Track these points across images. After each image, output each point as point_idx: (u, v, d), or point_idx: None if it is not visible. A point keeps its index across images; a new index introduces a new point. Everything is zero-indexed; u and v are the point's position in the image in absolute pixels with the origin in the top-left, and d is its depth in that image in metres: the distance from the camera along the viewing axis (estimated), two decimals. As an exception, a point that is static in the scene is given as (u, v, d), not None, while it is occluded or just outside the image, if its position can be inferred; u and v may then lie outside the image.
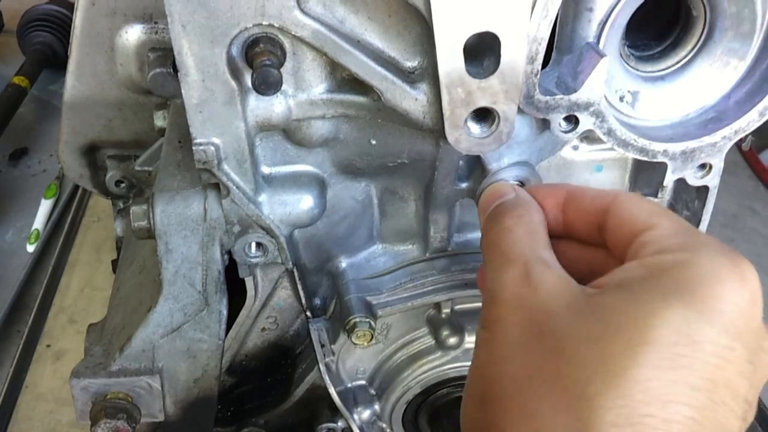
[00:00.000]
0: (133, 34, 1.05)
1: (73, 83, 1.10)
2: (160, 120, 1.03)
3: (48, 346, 1.95)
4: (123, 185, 1.22)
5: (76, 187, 2.44)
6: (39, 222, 2.36)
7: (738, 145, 1.06)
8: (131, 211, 0.84)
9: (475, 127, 0.77)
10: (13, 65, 2.94)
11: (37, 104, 2.96)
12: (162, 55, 0.98)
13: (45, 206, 2.41)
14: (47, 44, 3.02)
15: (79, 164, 1.23)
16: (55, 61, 3.05)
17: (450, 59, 0.71)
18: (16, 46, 3.10)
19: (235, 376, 1.09)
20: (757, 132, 0.91)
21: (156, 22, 1.04)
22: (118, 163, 1.20)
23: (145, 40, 1.05)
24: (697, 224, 1.02)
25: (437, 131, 0.78)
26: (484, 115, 0.76)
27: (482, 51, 0.73)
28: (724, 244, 0.61)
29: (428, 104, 0.76)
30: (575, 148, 0.98)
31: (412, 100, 0.76)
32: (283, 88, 0.79)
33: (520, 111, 0.80)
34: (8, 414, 1.75)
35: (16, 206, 2.47)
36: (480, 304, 1.00)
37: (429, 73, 0.75)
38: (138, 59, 1.07)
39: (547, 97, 0.81)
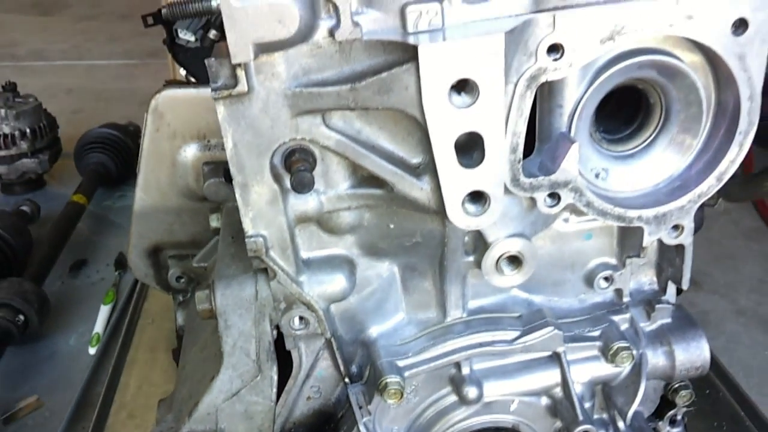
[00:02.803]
0: (190, 152, 1.27)
1: (140, 195, 1.31)
2: (214, 221, 1.23)
3: (111, 439, 2.08)
4: (183, 280, 1.41)
5: (132, 293, 2.65)
6: (99, 326, 2.56)
7: (710, 205, 1.21)
8: (196, 296, 1.02)
9: (471, 207, 0.94)
10: (71, 185, 3.25)
11: (93, 219, 3.22)
12: (215, 167, 1.19)
13: (104, 312, 2.62)
14: (102, 164, 3.33)
15: (145, 264, 1.43)
16: (109, 179, 3.35)
17: (445, 155, 0.89)
18: (74, 167, 3.42)
19: (285, 443, 1.22)
20: None
21: (209, 141, 1.25)
22: (178, 261, 1.40)
23: (200, 156, 1.26)
24: (680, 278, 1.15)
25: (441, 213, 0.95)
26: (477, 197, 0.94)
27: (471, 146, 0.92)
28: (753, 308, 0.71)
29: (431, 192, 0.94)
30: (566, 220, 1.14)
31: (419, 190, 0.94)
32: (315, 187, 0.99)
33: (509, 192, 0.98)
34: (78, 507, 1.87)
35: (77, 313, 2.66)
36: (496, 362, 1.15)
37: (431, 168, 0.93)
38: (194, 172, 1.28)
39: (531, 179, 0.98)
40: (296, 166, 0.91)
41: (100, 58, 5.62)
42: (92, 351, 2.44)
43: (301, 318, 1.05)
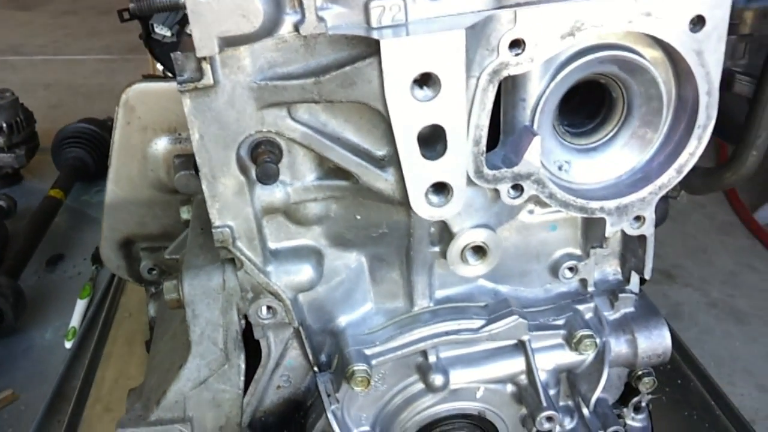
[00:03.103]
0: (161, 145, 1.28)
1: (112, 188, 1.32)
2: (185, 213, 1.24)
3: (86, 433, 2.08)
4: (155, 272, 1.42)
5: (109, 287, 2.65)
6: (75, 320, 2.56)
7: (673, 197, 1.24)
8: (164, 286, 1.03)
9: (434, 198, 0.96)
10: (49, 180, 3.23)
11: (70, 214, 3.21)
12: (185, 160, 1.20)
13: (80, 306, 2.62)
14: (79, 159, 3.32)
15: (116, 256, 1.43)
16: (87, 174, 3.34)
17: (408, 148, 0.91)
18: (51, 162, 3.40)
19: (255, 430, 1.24)
20: (750, 191, 1.09)
21: (179, 134, 1.26)
22: (150, 253, 1.41)
23: (171, 148, 1.28)
24: (643, 268, 1.18)
25: (406, 204, 0.97)
26: (440, 188, 0.96)
27: (434, 139, 0.93)
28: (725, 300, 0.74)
29: (396, 183, 0.96)
30: (531, 212, 1.16)
31: (383, 181, 0.96)
32: (282, 178, 1.01)
33: (472, 183, 1.00)
34: (52, 497, 1.88)
35: (53, 308, 2.66)
36: (461, 350, 1.17)
37: (395, 159, 0.95)
38: (165, 165, 1.29)
39: (494, 171, 1.00)
40: (262, 158, 0.92)
41: (79, 53, 5.59)
42: (68, 345, 2.44)
43: (268, 307, 1.07)
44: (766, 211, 3.20)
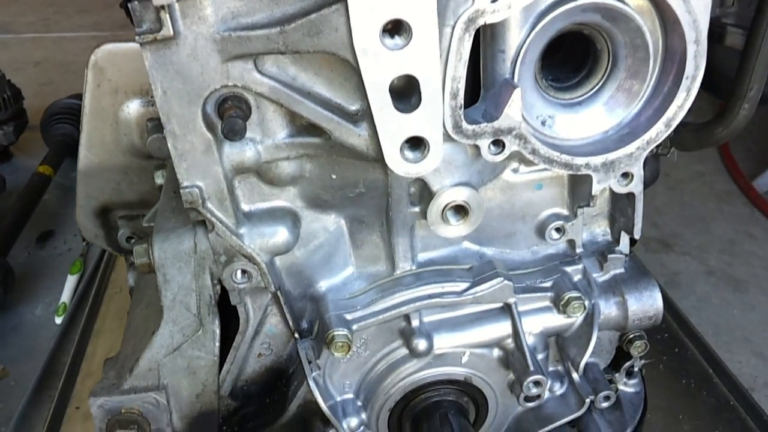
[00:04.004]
0: (133, 108, 1.23)
1: (85, 154, 1.28)
2: (159, 178, 1.20)
3: (77, 408, 2.07)
4: (133, 240, 1.38)
5: (99, 263, 2.62)
6: (66, 296, 2.54)
7: (663, 154, 1.20)
8: (134, 250, 1.00)
9: (409, 154, 0.92)
10: (38, 157, 3.19)
11: (60, 190, 3.17)
12: (158, 123, 1.15)
13: (71, 281, 2.60)
14: (68, 134, 3.27)
15: (94, 225, 1.40)
16: (76, 150, 3.27)
17: (379, 100, 0.87)
18: (40, 140, 3.36)
19: (237, 399, 1.21)
20: (749, 159, 1.05)
21: (152, 96, 1.22)
22: (128, 221, 1.37)
23: (144, 112, 1.23)
24: (632, 227, 1.14)
25: (382, 161, 0.93)
26: (416, 143, 0.92)
27: (408, 91, 0.89)
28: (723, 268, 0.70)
29: (369, 138, 0.92)
30: (515, 170, 1.12)
31: (356, 137, 0.92)
32: (252, 136, 0.96)
33: (451, 139, 0.95)
34: (42, 471, 1.87)
35: (44, 284, 2.64)
36: (445, 314, 1.14)
37: (369, 114, 0.91)
38: (138, 129, 1.25)
39: (474, 126, 0.96)
40: (228, 113, 0.88)
41: (69, 30, 5.50)
42: (58, 320, 2.42)
43: (243, 271, 1.03)
44: (765, 179, 3.16)
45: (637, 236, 1.16)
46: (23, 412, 2.06)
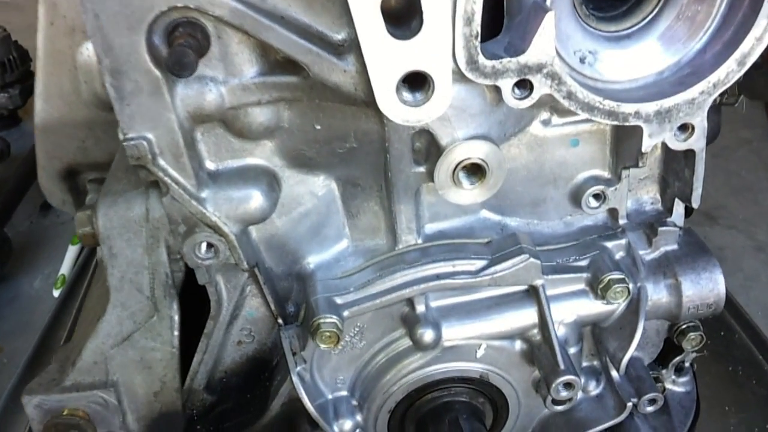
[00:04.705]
0: (93, 51, 1.04)
1: (42, 106, 1.10)
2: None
3: (70, 387, 1.94)
4: (102, 207, 1.20)
5: (102, 232, 2.48)
6: (65, 267, 2.41)
7: (730, 103, 0.98)
8: (76, 217, 0.82)
9: (408, 95, 0.72)
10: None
11: (65, 157, 3.05)
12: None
13: (71, 252, 2.47)
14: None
15: (60, 190, 1.23)
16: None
17: (368, 21, 0.66)
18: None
19: (215, 393, 1.04)
20: None
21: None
22: (98, 185, 1.18)
23: (104, 54, 1.04)
24: (690, 194, 0.93)
25: (374, 105, 0.73)
26: (417, 81, 0.72)
27: (407, 13, 0.69)
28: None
29: (357, 75, 0.72)
30: (545, 123, 0.92)
31: (341, 73, 0.72)
32: (213, 74, 0.77)
33: (464, 78, 0.75)
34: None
35: (44, 254, 2.54)
36: (457, 299, 0.94)
37: (357, 43, 0.70)
38: (101, 75, 1.05)
39: (493, 62, 0.75)
40: (177, 42, 0.68)
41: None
42: (56, 293, 2.29)
43: (208, 245, 0.84)
44: (820, 145, 2.91)
45: (695, 204, 0.96)
46: (14, 391, 1.94)
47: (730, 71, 0.82)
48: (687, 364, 1.11)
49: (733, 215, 2.68)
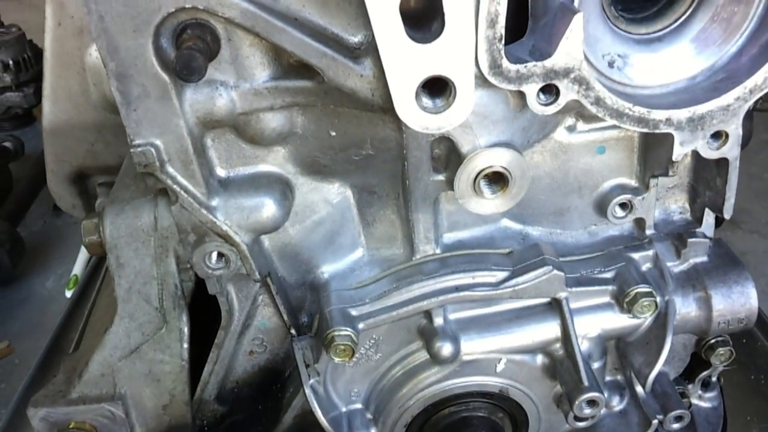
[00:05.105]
0: (102, 52, 1.02)
1: (50, 108, 1.09)
2: (132, 137, 0.99)
3: (81, 389, 1.92)
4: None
5: (114, 233, 2.47)
6: (78, 268, 2.40)
7: (765, 109, 0.94)
8: (82, 226, 0.79)
9: (428, 102, 0.69)
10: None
11: (81, 156, 3.05)
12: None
13: (84, 253, 2.45)
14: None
15: (70, 194, 1.21)
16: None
17: (386, 23, 0.63)
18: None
19: (226, 404, 1.01)
20: None
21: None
22: (108, 189, 1.17)
23: (114, 56, 1.01)
24: (722, 204, 0.89)
25: (392, 111, 0.70)
26: (438, 86, 0.68)
27: (427, 15, 0.65)
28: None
29: (375, 79, 0.69)
30: (571, 129, 0.88)
31: (357, 77, 0.69)
32: (223, 78, 0.74)
33: (487, 83, 0.71)
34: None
35: (57, 255, 2.53)
36: (477, 311, 0.91)
37: (374, 46, 0.67)
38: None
39: (518, 66, 0.72)
40: (185, 46, 0.65)
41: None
42: (69, 294, 2.28)
43: (219, 254, 0.81)
44: None
45: (727, 215, 0.92)
46: (25, 392, 1.93)
47: (767, 76, 0.78)
48: (714, 379, 1.06)
49: (756, 219, 2.62)
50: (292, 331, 0.94)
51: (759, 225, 2.60)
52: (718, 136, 0.83)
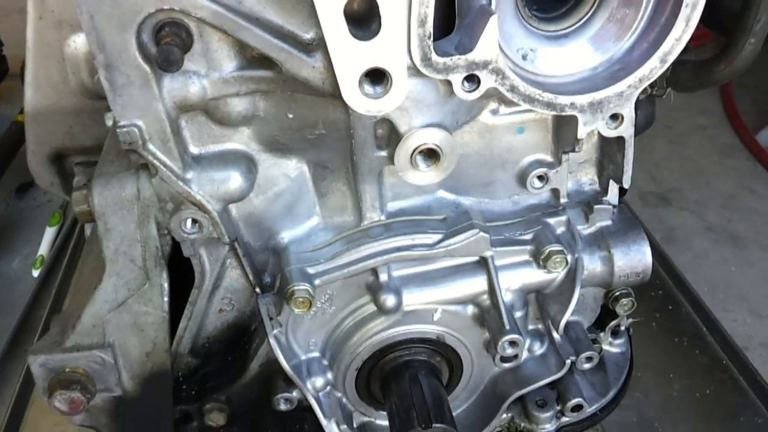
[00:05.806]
0: (80, 43, 1.13)
1: (31, 94, 1.18)
2: (110, 120, 1.10)
3: (52, 363, 2.00)
4: (86, 188, 1.28)
5: (79, 214, 2.54)
6: (44, 248, 2.47)
7: (659, 95, 1.09)
8: (72, 197, 0.91)
9: (369, 89, 0.82)
10: (18, 105, 3.07)
11: (41, 140, 3.07)
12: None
13: (49, 234, 2.52)
14: (48, 83, 3.14)
15: (49, 173, 1.31)
16: (57, 99, 3.17)
17: (332, 23, 0.76)
18: (21, 88, 3.23)
19: (198, 357, 1.14)
20: (753, 112, 0.95)
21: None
22: (85, 168, 1.28)
23: (91, 47, 1.12)
24: (621, 175, 1.05)
25: (340, 97, 0.83)
26: (377, 76, 0.82)
27: (367, 16, 0.79)
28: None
29: (325, 70, 0.82)
30: (494, 112, 1.02)
31: (310, 69, 0.82)
32: (196, 68, 0.87)
33: (419, 73, 0.85)
34: (17, 426, 1.82)
35: (22, 236, 2.58)
36: (416, 268, 1.05)
37: (324, 43, 0.80)
38: (87, 66, 1.14)
39: (445, 59, 0.86)
40: (164, 41, 0.78)
41: (55, -25, 5.30)
42: (35, 273, 2.35)
43: (193, 220, 0.94)
44: (769, 132, 3.05)
45: (626, 185, 1.07)
46: (-2, 368, 2.01)
47: (653, 68, 0.93)
48: (622, 328, 1.23)
49: (686, 198, 2.79)
50: (257, 290, 1.07)
51: (689, 203, 2.77)
52: (615, 117, 0.98)
